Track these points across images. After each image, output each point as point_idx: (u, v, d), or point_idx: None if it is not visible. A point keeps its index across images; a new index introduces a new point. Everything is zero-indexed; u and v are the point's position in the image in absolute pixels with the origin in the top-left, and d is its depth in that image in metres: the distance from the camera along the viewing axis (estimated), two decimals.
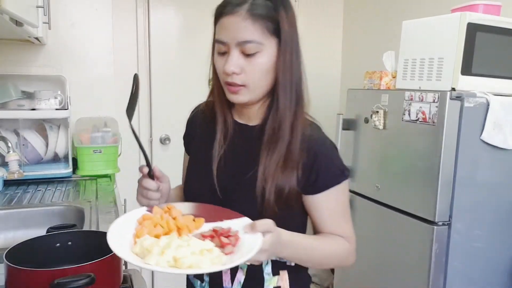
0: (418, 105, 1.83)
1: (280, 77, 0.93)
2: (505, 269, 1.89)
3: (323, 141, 0.99)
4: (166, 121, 3.00)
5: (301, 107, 0.97)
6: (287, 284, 1.02)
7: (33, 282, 0.89)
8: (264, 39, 0.90)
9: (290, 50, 0.94)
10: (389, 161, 2.04)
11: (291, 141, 0.94)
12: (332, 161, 0.98)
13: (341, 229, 1.01)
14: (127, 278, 1.11)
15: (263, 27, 0.90)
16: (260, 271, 1.00)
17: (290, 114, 0.95)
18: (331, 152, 0.99)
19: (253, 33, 0.89)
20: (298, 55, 0.97)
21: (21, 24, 1.41)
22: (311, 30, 3.35)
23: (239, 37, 0.89)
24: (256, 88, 0.94)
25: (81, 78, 2.38)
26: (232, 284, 1.01)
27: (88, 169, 2.21)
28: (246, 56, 0.91)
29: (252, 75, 0.92)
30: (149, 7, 2.89)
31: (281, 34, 0.92)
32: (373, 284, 2.17)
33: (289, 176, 0.94)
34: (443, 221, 1.78)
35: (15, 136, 2.09)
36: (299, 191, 0.97)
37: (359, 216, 2.28)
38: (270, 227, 0.84)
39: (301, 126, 0.96)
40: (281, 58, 0.93)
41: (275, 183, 0.93)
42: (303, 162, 0.95)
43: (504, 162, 1.83)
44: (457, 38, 1.75)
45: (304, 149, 0.95)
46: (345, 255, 1.02)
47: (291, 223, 0.95)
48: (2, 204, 1.74)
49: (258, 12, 0.89)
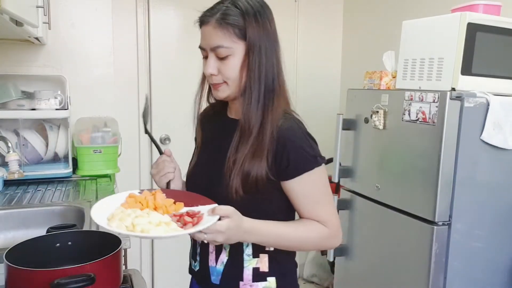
0: (418, 105, 1.83)
1: (250, 74, 1.04)
2: (505, 269, 1.89)
3: (294, 130, 1.06)
4: (166, 121, 3.00)
5: (272, 101, 1.06)
6: (266, 266, 1.12)
7: (33, 282, 0.89)
8: (232, 43, 1.03)
9: (258, 51, 1.04)
10: (389, 161, 2.04)
11: (260, 132, 1.04)
12: (302, 148, 1.05)
13: (317, 213, 1.08)
14: (127, 278, 1.11)
15: (231, 33, 1.03)
16: (241, 253, 1.11)
17: (259, 107, 1.05)
18: (301, 139, 1.06)
19: (221, 39, 1.03)
20: (270, 55, 1.06)
21: (21, 24, 1.41)
22: (311, 30, 3.35)
23: (211, 43, 1.04)
24: (234, 85, 1.07)
25: (81, 78, 2.38)
26: (216, 263, 1.13)
27: (88, 169, 2.21)
28: (220, 59, 1.05)
29: (227, 75, 1.05)
30: (149, 7, 2.89)
31: (247, 38, 1.03)
32: (373, 284, 2.17)
33: (257, 164, 1.03)
34: (443, 221, 1.78)
35: (15, 136, 2.09)
36: (271, 178, 1.05)
37: (359, 216, 2.28)
38: (228, 213, 0.96)
39: (273, 118, 1.05)
40: (248, 58, 1.04)
41: (242, 170, 1.03)
42: (273, 151, 1.04)
43: (504, 162, 1.83)
44: (457, 38, 1.75)
45: (274, 139, 1.04)
46: (321, 239, 1.09)
47: (265, 208, 1.08)
48: (2, 204, 1.74)
49: (226, 20, 1.02)
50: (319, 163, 1.07)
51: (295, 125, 1.08)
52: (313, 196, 1.08)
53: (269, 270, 1.12)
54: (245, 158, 1.03)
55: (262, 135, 1.04)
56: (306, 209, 1.09)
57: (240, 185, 1.03)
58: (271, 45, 1.06)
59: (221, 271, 1.12)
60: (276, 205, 1.11)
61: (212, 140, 1.20)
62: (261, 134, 1.04)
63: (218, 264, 1.13)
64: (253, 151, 1.03)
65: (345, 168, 2.33)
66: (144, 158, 2.99)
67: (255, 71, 1.04)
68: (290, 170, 1.05)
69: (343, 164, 2.34)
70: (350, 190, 2.33)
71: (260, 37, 1.04)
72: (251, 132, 1.04)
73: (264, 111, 1.05)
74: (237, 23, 1.02)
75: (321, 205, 1.09)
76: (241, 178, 1.03)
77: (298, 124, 1.08)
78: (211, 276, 1.14)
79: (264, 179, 1.04)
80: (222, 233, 0.94)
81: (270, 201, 1.09)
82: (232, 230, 0.96)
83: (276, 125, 1.05)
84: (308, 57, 3.35)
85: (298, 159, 1.04)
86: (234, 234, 0.98)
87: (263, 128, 1.04)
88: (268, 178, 1.05)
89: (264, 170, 1.03)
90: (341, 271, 2.44)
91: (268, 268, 1.12)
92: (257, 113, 1.04)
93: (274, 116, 1.05)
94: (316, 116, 3.24)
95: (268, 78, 1.05)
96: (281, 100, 1.08)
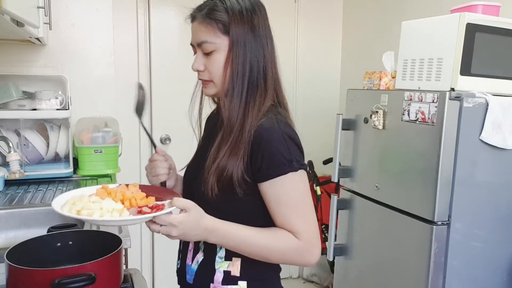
0: (418, 105, 1.84)
1: (233, 70, 1.03)
2: (504, 268, 1.89)
3: (272, 131, 1.01)
4: (166, 121, 3.01)
5: (254, 99, 1.04)
6: (238, 270, 1.07)
7: (34, 282, 0.90)
8: (216, 38, 1.03)
9: (242, 46, 1.03)
10: (388, 161, 2.04)
11: (239, 130, 1.02)
12: (278, 150, 1.00)
13: (288, 223, 1.02)
14: (128, 278, 1.12)
15: (215, 28, 1.02)
16: (214, 254, 1.08)
17: (241, 104, 1.03)
18: (278, 141, 1.00)
19: (206, 34, 1.03)
20: (255, 52, 1.04)
21: (22, 25, 1.41)
22: (311, 30, 3.36)
23: (197, 39, 1.05)
24: (220, 82, 1.06)
25: (81, 78, 2.39)
26: (192, 262, 1.11)
27: (88, 169, 2.21)
28: (206, 55, 1.05)
29: (212, 71, 1.05)
30: (150, 7, 2.90)
31: (230, 33, 1.03)
32: (372, 284, 2.17)
33: (233, 161, 1.00)
34: (442, 220, 1.79)
35: (16, 136, 2.10)
36: (247, 179, 1.01)
37: (358, 216, 2.29)
38: (186, 206, 0.93)
39: (254, 116, 1.02)
40: (231, 54, 1.03)
41: (217, 166, 1.01)
42: (250, 150, 1.01)
43: (503, 162, 1.84)
44: (456, 38, 1.75)
45: (252, 137, 1.01)
46: (290, 251, 1.02)
47: (241, 211, 1.04)
48: (3, 204, 1.75)
49: (210, 16, 1.03)
50: (294, 168, 1.00)
51: (275, 125, 1.02)
52: (285, 203, 1.01)
53: (240, 275, 1.07)
54: (223, 155, 1.01)
55: (242, 133, 1.01)
56: (278, 216, 1.02)
57: (215, 183, 1.01)
58: (257, 42, 1.04)
59: (195, 270, 1.10)
60: (252, 209, 1.05)
61: (205, 139, 1.20)
62: (240, 132, 1.01)
63: (193, 263, 1.11)
64: (231, 148, 1.01)
65: (344, 168, 2.33)
66: (145, 158, 2.99)
67: (238, 67, 1.02)
68: (263, 171, 1.00)
69: (343, 164, 2.34)
70: (350, 190, 2.33)
71: (245, 33, 1.03)
72: (231, 129, 1.02)
73: (246, 109, 1.03)
74: (221, 18, 1.02)
75: (294, 214, 1.01)
76: (216, 176, 1.01)
77: (279, 125, 1.02)
78: (186, 275, 1.12)
79: (239, 179, 1.00)
80: (175, 226, 0.91)
81: (246, 204, 1.04)
82: (188, 225, 0.92)
83: (256, 123, 1.01)
84: (307, 57, 3.36)
85: (271, 161, 0.99)
86: (192, 230, 0.93)
87: (243, 126, 1.02)
88: (244, 179, 1.01)
89: (240, 169, 1.00)
90: (341, 271, 2.45)
91: (239, 273, 1.07)
92: (239, 110, 1.02)
93: (256, 115, 1.02)
94: (315, 116, 3.24)
95: (252, 75, 1.03)
96: (266, 98, 1.05)
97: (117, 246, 1.00)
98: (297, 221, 1.01)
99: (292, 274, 3.53)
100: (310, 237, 1.02)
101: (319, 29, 3.38)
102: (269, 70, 1.06)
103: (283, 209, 1.02)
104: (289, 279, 3.50)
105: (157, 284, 3.08)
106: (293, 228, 1.01)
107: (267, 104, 1.05)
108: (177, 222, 0.91)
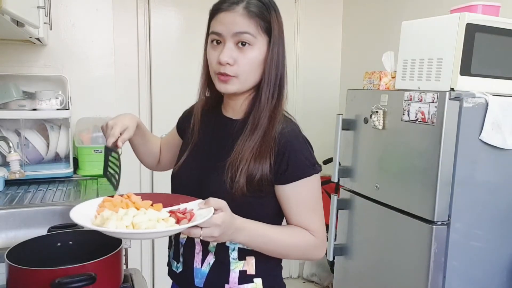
0: (417, 105, 1.84)
1: (266, 72, 1.02)
2: (504, 268, 1.90)
3: (296, 135, 1.05)
4: (166, 121, 2.99)
5: (280, 102, 1.06)
6: (253, 269, 1.08)
7: (34, 282, 0.90)
8: (257, 34, 1.00)
9: (277, 49, 1.03)
10: (388, 161, 2.04)
11: (267, 132, 1.02)
12: (302, 153, 1.03)
13: (307, 221, 1.06)
14: (128, 278, 1.11)
15: (257, 24, 1.00)
16: (227, 256, 1.07)
17: (270, 107, 1.04)
18: (301, 145, 1.04)
19: (249, 26, 0.99)
20: (284, 56, 1.06)
21: (22, 25, 1.41)
22: (311, 30, 3.36)
23: (236, 28, 0.99)
24: (246, 80, 1.03)
25: (82, 78, 2.39)
26: (201, 265, 1.08)
27: (89, 169, 2.22)
28: (239, 49, 1.00)
29: (243, 67, 1.01)
30: (150, 7, 2.90)
31: (272, 33, 1.02)
32: (372, 283, 2.17)
33: (262, 164, 1.01)
34: (442, 220, 1.79)
35: (16, 136, 2.10)
36: (271, 180, 1.03)
37: (358, 216, 2.29)
38: (222, 206, 0.91)
39: (278, 120, 1.04)
40: (269, 55, 1.02)
41: (247, 168, 1.00)
42: (275, 153, 1.01)
43: (503, 162, 1.84)
44: (456, 38, 1.76)
45: (277, 140, 1.02)
46: (307, 248, 1.07)
47: (262, 210, 1.05)
48: (3, 204, 1.75)
49: (253, 10, 0.99)
50: (316, 170, 1.05)
51: (296, 129, 1.07)
52: (306, 203, 1.06)
53: (256, 273, 1.08)
54: (251, 157, 1.01)
55: (268, 135, 1.02)
56: (296, 216, 1.06)
57: (245, 184, 1.00)
58: (284, 47, 1.06)
59: (206, 273, 1.08)
60: (266, 209, 1.07)
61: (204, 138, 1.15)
62: (267, 134, 1.02)
63: (204, 265, 1.08)
64: (259, 150, 1.01)
65: (344, 168, 2.33)
66: None
67: (273, 69, 1.02)
68: (288, 174, 1.02)
69: (343, 164, 2.34)
70: (350, 190, 2.33)
71: (280, 35, 1.04)
72: (259, 131, 1.02)
73: (273, 111, 1.04)
74: (264, 17, 1.01)
75: (312, 214, 1.06)
76: (246, 176, 1.00)
77: (298, 129, 1.07)
78: (194, 279, 1.09)
79: (268, 179, 1.02)
80: (219, 226, 0.88)
81: (263, 203, 1.06)
82: (227, 224, 0.91)
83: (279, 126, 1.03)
84: (307, 57, 3.36)
85: (297, 163, 1.02)
86: (229, 229, 0.92)
87: (269, 128, 1.02)
88: (268, 180, 1.02)
89: (267, 171, 1.01)
90: (341, 271, 2.45)
91: (255, 271, 1.08)
92: (267, 112, 1.03)
93: (279, 117, 1.04)
94: (315, 116, 3.24)
95: (281, 77, 1.05)
96: (284, 102, 1.07)
97: (117, 246, 1.00)
98: (314, 220, 1.06)
99: (292, 274, 3.53)
100: (322, 234, 1.07)
101: (319, 29, 3.38)
102: (286, 74, 1.08)
103: (303, 210, 1.05)
104: (289, 279, 3.50)
105: (157, 284, 3.08)
106: (310, 226, 1.05)
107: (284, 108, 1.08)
108: (220, 221, 0.89)
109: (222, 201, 0.92)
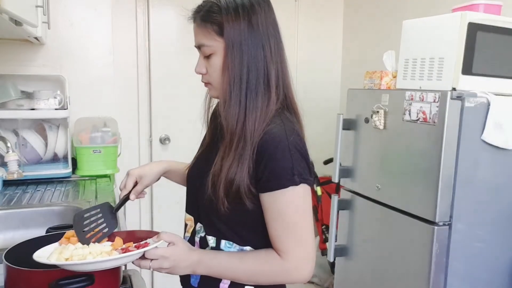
0: (419, 105, 1.83)
1: (229, 73, 0.98)
2: (506, 269, 1.89)
3: (278, 139, 0.96)
4: (166, 121, 3.00)
5: (254, 103, 0.97)
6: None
7: (32, 283, 0.89)
8: (212, 41, 0.99)
9: (237, 47, 0.97)
10: (389, 161, 2.03)
11: (242, 137, 0.96)
12: (281, 161, 0.94)
13: (279, 240, 0.97)
14: (127, 279, 1.11)
15: (211, 30, 0.98)
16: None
17: (240, 110, 0.97)
18: (282, 151, 0.95)
19: (203, 37, 1.00)
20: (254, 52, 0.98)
21: (21, 24, 1.40)
22: (311, 30, 3.35)
23: (196, 41, 1.02)
24: (218, 86, 1.02)
25: (80, 78, 2.38)
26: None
27: (87, 169, 2.20)
28: (206, 58, 1.02)
29: (212, 74, 1.02)
30: (149, 7, 2.89)
31: (224, 35, 0.98)
32: (373, 284, 2.16)
33: (240, 172, 0.95)
34: (443, 221, 1.78)
35: (14, 136, 2.09)
36: (252, 189, 0.97)
37: (359, 216, 2.28)
38: (174, 240, 0.95)
39: (256, 121, 0.96)
40: (228, 57, 0.98)
41: (226, 177, 0.96)
42: (255, 159, 0.95)
43: (505, 162, 1.83)
44: (458, 37, 1.75)
45: (257, 146, 0.95)
46: (274, 273, 0.99)
47: (244, 220, 1.02)
48: (1, 204, 1.74)
49: (206, 18, 0.99)
50: (295, 182, 0.94)
51: (283, 134, 0.96)
52: (281, 218, 0.96)
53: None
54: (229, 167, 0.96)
55: (244, 142, 0.95)
56: (272, 231, 0.98)
57: (224, 197, 0.96)
58: (256, 42, 0.97)
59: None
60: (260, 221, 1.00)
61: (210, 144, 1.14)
62: (243, 141, 0.96)
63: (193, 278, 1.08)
64: (236, 159, 0.95)
65: (345, 168, 2.32)
66: (144, 158, 2.99)
67: (235, 69, 0.97)
68: (263, 182, 0.95)
69: (343, 164, 2.33)
70: (350, 190, 2.32)
71: (241, 34, 0.97)
72: (232, 137, 0.97)
73: (246, 115, 0.96)
74: (216, 20, 0.97)
75: (287, 232, 0.96)
76: (224, 189, 0.96)
77: (286, 134, 0.96)
78: (191, 278, 1.08)
79: (246, 189, 0.95)
80: (167, 258, 0.91)
81: (255, 215, 1.00)
82: (179, 257, 0.93)
83: (261, 131, 0.96)
84: (308, 57, 3.35)
85: (272, 172, 0.94)
86: (182, 261, 0.94)
87: (244, 134, 0.96)
88: (250, 190, 0.96)
89: (246, 180, 0.95)
90: (341, 272, 2.44)
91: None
92: (238, 117, 0.96)
93: (259, 121, 0.96)
94: (316, 116, 3.24)
95: (250, 77, 0.97)
96: (269, 103, 0.98)
97: None
98: (287, 240, 0.97)
99: None
100: (296, 259, 0.97)
101: (320, 28, 3.38)
102: (272, 71, 0.99)
103: (277, 224, 0.97)
104: None
105: (156, 285, 3.07)
106: (281, 246, 0.97)
107: (272, 109, 0.99)
108: (168, 254, 0.92)
109: (175, 235, 0.97)
